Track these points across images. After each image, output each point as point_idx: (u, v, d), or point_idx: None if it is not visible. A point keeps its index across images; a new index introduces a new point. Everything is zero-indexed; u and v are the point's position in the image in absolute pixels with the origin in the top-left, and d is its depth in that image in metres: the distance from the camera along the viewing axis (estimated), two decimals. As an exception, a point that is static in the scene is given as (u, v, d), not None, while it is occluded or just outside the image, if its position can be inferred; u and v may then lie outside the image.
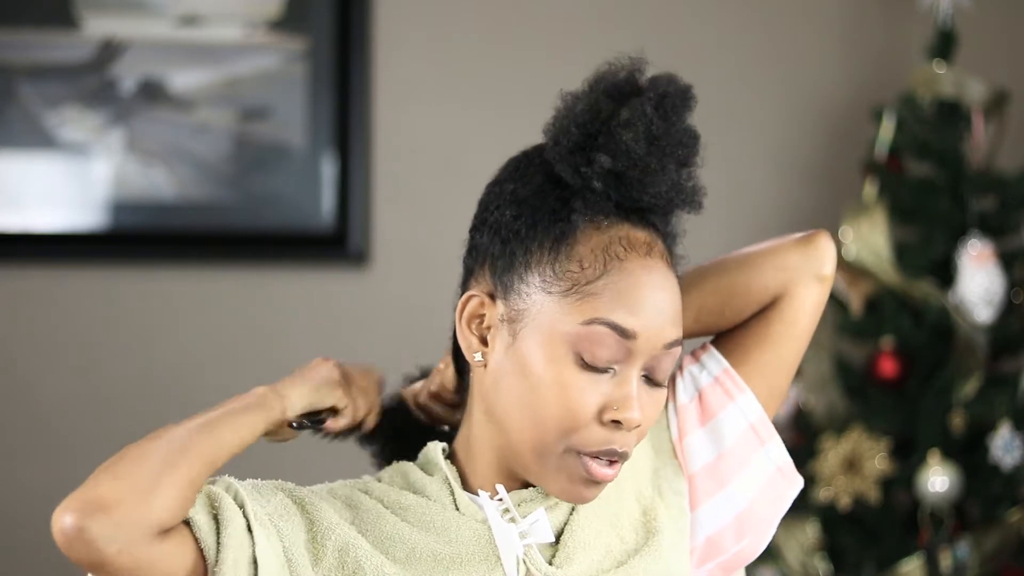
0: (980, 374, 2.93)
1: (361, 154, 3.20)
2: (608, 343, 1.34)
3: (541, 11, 3.28)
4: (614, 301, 1.35)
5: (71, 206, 3.15)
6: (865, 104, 3.22)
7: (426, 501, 1.41)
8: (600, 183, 1.37)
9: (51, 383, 3.15)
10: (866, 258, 2.99)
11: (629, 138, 1.37)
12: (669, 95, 1.42)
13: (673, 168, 1.40)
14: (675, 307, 1.38)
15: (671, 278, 1.39)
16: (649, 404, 1.37)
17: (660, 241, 1.41)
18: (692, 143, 1.43)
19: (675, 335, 1.37)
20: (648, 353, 1.35)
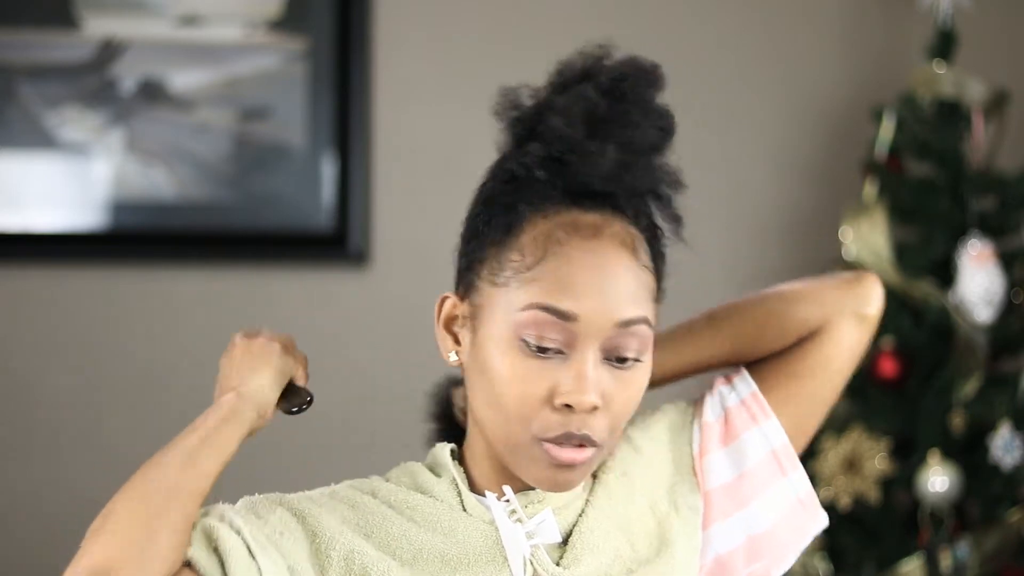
0: (980, 374, 2.93)
1: (361, 154, 3.20)
2: (549, 327, 1.34)
3: (541, 11, 3.28)
4: (552, 285, 1.34)
5: (71, 206, 3.15)
6: (865, 104, 3.22)
7: (433, 502, 1.40)
8: (542, 171, 1.37)
9: (51, 383, 3.15)
10: (866, 258, 2.99)
11: (562, 123, 1.36)
12: (628, 76, 1.39)
13: (615, 149, 1.36)
14: (628, 286, 1.36)
15: (624, 257, 1.36)
16: (617, 386, 1.35)
17: (620, 224, 1.38)
18: (650, 123, 1.39)
19: (630, 314, 1.35)
20: (598, 335, 1.34)
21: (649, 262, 1.39)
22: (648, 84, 1.40)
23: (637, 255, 1.37)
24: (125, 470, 3.39)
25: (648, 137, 1.38)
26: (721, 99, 3.34)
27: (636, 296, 1.36)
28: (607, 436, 1.36)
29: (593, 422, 1.34)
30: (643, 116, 1.38)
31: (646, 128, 1.38)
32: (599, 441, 1.35)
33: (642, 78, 1.40)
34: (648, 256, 1.39)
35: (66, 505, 3.16)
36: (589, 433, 1.34)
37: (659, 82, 1.41)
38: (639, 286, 1.37)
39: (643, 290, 1.37)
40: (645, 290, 1.38)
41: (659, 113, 1.40)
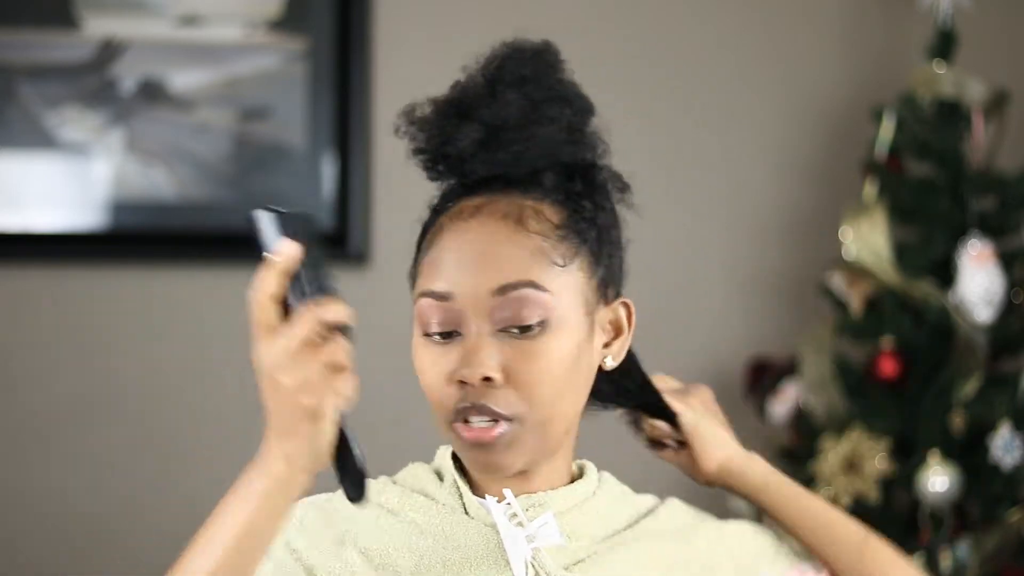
0: (980, 374, 2.93)
1: (361, 154, 3.20)
2: (433, 311, 1.35)
3: (541, 11, 3.28)
4: (430, 270, 1.37)
5: (71, 206, 3.15)
6: (865, 104, 3.22)
7: (435, 505, 1.41)
8: (430, 173, 1.41)
9: (51, 383, 3.15)
10: (866, 258, 2.99)
11: (421, 115, 1.40)
12: (499, 57, 1.41)
13: (475, 128, 1.37)
14: (503, 254, 1.34)
15: (503, 228, 1.35)
16: (519, 356, 1.34)
17: (507, 199, 1.37)
18: (520, 96, 1.37)
19: (504, 279, 1.34)
20: (477, 307, 1.34)
21: (551, 229, 1.36)
22: (523, 61, 1.40)
23: (524, 223, 1.35)
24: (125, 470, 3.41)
25: (512, 109, 1.37)
26: (721, 99, 3.34)
27: (515, 262, 1.34)
28: (525, 410, 1.34)
29: (495, 395, 1.34)
30: (510, 89, 1.38)
31: (512, 101, 1.37)
32: (510, 415, 1.34)
33: (515, 56, 1.41)
34: (550, 225, 1.36)
35: (66, 505, 3.16)
36: (488, 404, 1.34)
37: (539, 57, 1.41)
38: (523, 252, 1.35)
39: (530, 256, 1.35)
40: (535, 256, 1.35)
41: (538, 85, 1.39)
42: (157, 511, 3.17)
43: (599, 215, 1.40)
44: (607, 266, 1.40)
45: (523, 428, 1.35)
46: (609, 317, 1.41)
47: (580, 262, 1.37)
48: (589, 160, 1.41)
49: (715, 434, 1.54)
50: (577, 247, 1.37)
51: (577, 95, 1.40)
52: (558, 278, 1.35)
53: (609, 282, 1.41)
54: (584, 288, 1.37)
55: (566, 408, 1.38)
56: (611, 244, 1.41)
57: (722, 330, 3.32)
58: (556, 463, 1.42)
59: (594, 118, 1.42)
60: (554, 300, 1.35)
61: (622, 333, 1.43)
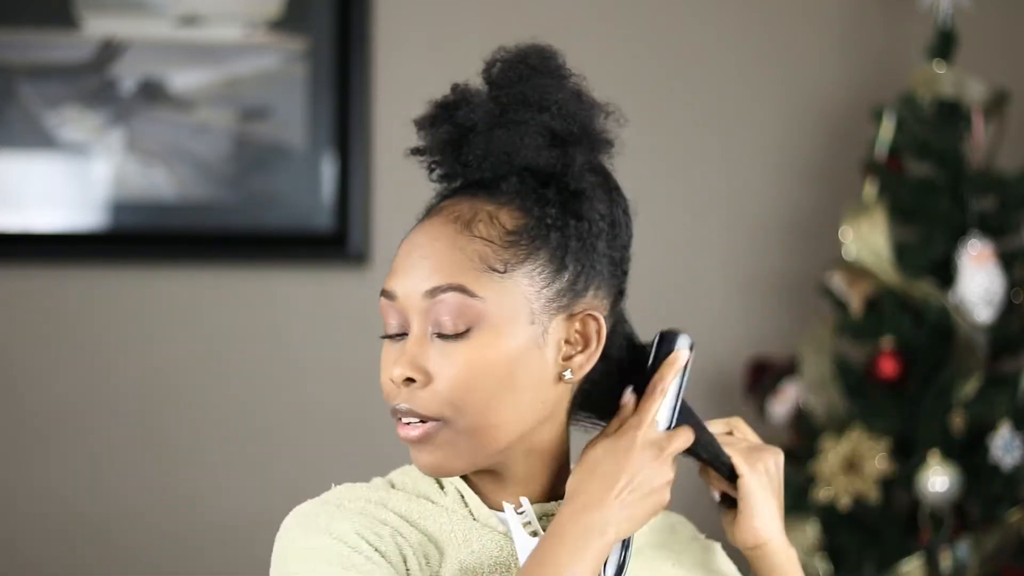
0: (980, 374, 2.93)
1: (361, 154, 3.20)
2: (387, 310, 1.37)
3: (541, 11, 3.28)
4: (391, 269, 1.39)
5: (71, 206, 3.15)
6: (865, 104, 3.22)
7: (443, 511, 1.39)
8: (430, 175, 1.41)
9: (51, 383, 3.15)
10: (866, 258, 2.99)
11: (416, 121, 1.40)
12: (496, 63, 1.39)
13: (446, 129, 1.37)
14: (439, 257, 1.34)
15: (447, 231, 1.35)
16: (440, 360, 1.34)
17: (470, 202, 1.36)
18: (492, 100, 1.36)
19: (430, 283, 1.34)
20: (414, 309, 1.35)
21: (500, 235, 1.34)
22: (511, 64, 1.38)
23: (471, 227, 1.34)
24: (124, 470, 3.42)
25: (480, 111, 1.36)
26: (721, 99, 3.34)
27: (449, 266, 1.34)
28: (451, 413, 1.33)
29: (417, 396, 1.34)
30: (489, 92, 1.37)
31: (481, 104, 1.36)
32: (430, 415, 1.34)
33: (506, 59, 1.38)
34: (501, 230, 1.34)
35: (66, 505, 3.16)
36: (408, 404, 1.34)
37: (524, 62, 1.38)
38: (459, 256, 1.34)
39: (466, 260, 1.33)
40: (471, 260, 1.33)
41: (513, 88, 1.37)
42: (157, 511, 3.17)
43: (570, 224, 1.36)
44: (574, 276, 1.36)
45: (452, 431, 1.34)
46: (574, 328, 1.37)
47: (529, 269, 1.34)
48: (564, 166, 1.37)
49: (768, 511, 1.46)
50: (527, 254, 1.34)
51: (560, 100, 1.37)
52: (494, 284, 1.33)
53: (577, 293, 1.36)
54: (531, 296, 1.34)
55: (504, 416, 1.34)
56: (584, 254, 1.37)
57: (722, 330, 3.31)
58: (535, 469, 1.39)
59: (591, 124, 1.39)
60: (484, 306, 1.33)
61: (589, 346, 1.38)
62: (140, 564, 3.16)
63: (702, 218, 3.33)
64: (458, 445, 1.35)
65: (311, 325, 3.23)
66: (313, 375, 3.23)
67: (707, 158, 3.34)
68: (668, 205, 3.27)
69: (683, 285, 3.30)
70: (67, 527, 3.15)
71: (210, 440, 3.20)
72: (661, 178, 3.27)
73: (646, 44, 3.32)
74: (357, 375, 3.20)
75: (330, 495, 1.37)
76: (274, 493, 3.14)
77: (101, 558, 3.14)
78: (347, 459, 3.17)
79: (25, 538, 3.14)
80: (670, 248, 3.27)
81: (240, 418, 3.22)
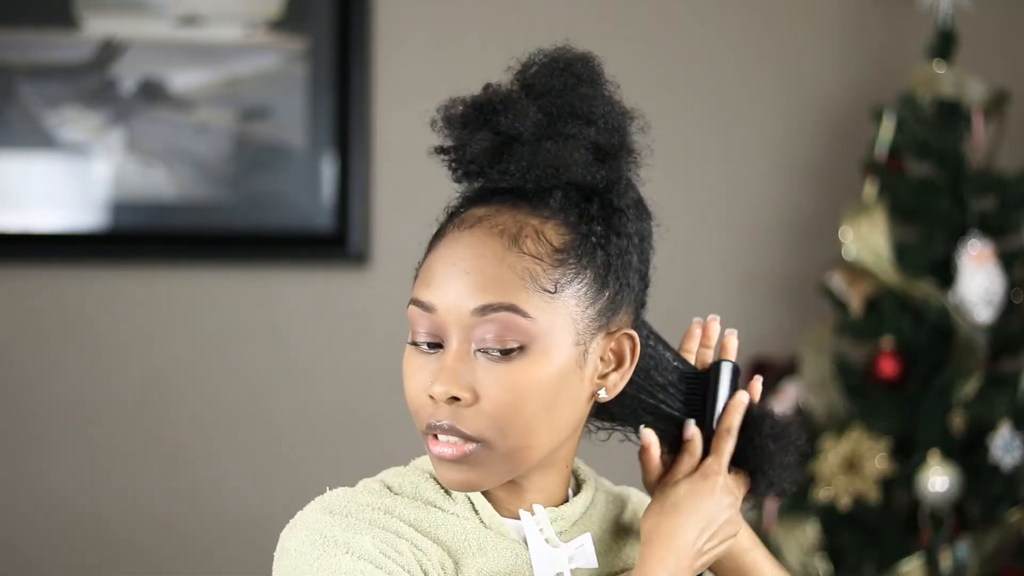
0: (980, 374, 2.93)
1: (361, 154, 3.20)
2: (420, 320, 1.32)
3: (541, 11, 3.28)
4: (422, 277, 1.34)
5: (71, 206, 3.15)
6: (865, 104, 3.22)
7: (455, 519, 1.36)
8: (452, 174, 1.38)
9: (51, 383, 3.15)
10: (866, 258, 2.99)
11: (452, 113, 1.36)
12: (534, 65, 1.37)
13: (487, 135, 1.33)
14: (488, 273, 1.30)
15: (494, 245, 1.31)
16: (489, 379, 1.30)
17: (512, 214, 1.33)
18: (539, 108, 1.34)
19: (480, 301, 1.30)
20: (458, 324, 1.30)
21: (548, 253, 1.32)
22: (554, 71, 1.36)
23: (519, 243, 1.31)
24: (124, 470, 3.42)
25: (527, 121, 1.33)
26: (721, 99, 3.34)
27: (499, 283, 1.30)
28: (494, 435, 1.31)
29: (463, 415, 1.30)
30: (533, 100, 1.34)
31: (529, 113, 1.33)
32: (474, 435, 1.30)
33: (549, 65, 1.36)
34: (548, 248, 1.32)
35: (65, 505, 3.16)
36: (451, 423, 1.30)
37: (570, 70, 1.36)
38: (510, 274, 1.30)
39: (517, 279, 1.30)
40: (522, 279, 1.30)
41: (561, 99, 1.35)
42: (157, 511, 3.17)
43: (611, 241, 1.35)
44: (612, 295, 1.35)
45: (491, 452, 1.32)
46: (610, 347, 1.36)
47: (576, 289, 1.32)
48: (609, 183, 1.36)
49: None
50: (575, 273, 1.32)
51: (606, 114, 1.36)
52: (545, 304, 1.31)
53: (614, 311, 1.35)
54: (577, 317, 1.32)
55: (541, 438, 1.33)
56: (623, 272, 1.36)
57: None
58: (550, 479, 1.39)
59: (629, 136, 1.38)
60: (536, 327, 1.30)
61: (623, 364, 1.37)
62: (140, 564, 3.16)
63: (702, 218, 3.33)
64: (494, 466, 1.33)
65: (311, 325, 3.23)
66: (313, 375, 3.23)
67: (707, 158, 3.34)
68: (668, 205, 3.25)
69: (683, 285, 3.30)
70: (67, 527, 3.15)
71: (210, 440, 3.20)
72: (661, 178, 3.26)
73: (646, 44, 3.32)
74: (357, 375, 3.20)
75: (333, 502, 1.33)
76: (275, 493, 3.14)
77: (101, 558, 3.14)
78: (347, 458, 3.17)
79: (25, 538, 3.14)
80: (670, 248, 3.26)
81: (240, 418, 3.22)
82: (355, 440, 3.19)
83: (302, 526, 1.31)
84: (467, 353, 1.31)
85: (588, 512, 1.43)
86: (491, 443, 1.31)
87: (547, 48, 1.37)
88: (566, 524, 1.39)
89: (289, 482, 3.15)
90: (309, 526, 1.31)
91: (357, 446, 3.18)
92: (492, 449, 1.31)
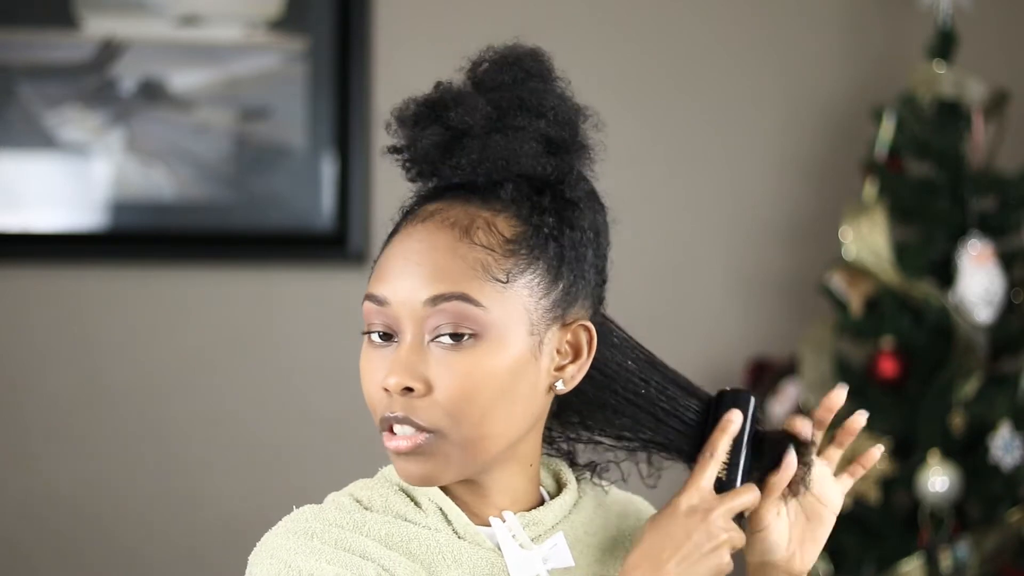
0: (980, 374, 2.93)
1: (361, 154, 3.20)
2: (373, 315, 1.34)
3: (541, 12, 3.28)
4: (375, 274, 1.35)
5: (71, 206, 3.15)
6: (865, 104, 3.22)
7: (427, 532, 1.35)
8: (406, 173, 1.39)
9: (51, 383, 3.15)
10: (866, 258, 2.99)
11: (403, 113, 1.39)
12: (484, 62, 1.38)
13: (437, 131, 1.35)
14: (441, 264, 1.31)
15: (446, 237, 1.32)
16: (442, 369, 1.31)
17: (463, 207, 1.34)
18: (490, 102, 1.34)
19: (431, 291, 1.31)
20: (411, 316, 1.31)
21: (499, 243, 1.32)
22: (503, 66, 1.36)
23: (470, 234, 1.32)
24: (124, 469, 3.41)
25: (477, 114, 1.33)
26: (721, 99, 3.34)
27: (450, 274, 1.31)
28: (448, 424, 1.31)
29: (416, 406, 1.31)
30: (482, 95, 1.35)
31: (478, 107, 1.33)
32: (428, 426, 1.31)
33: (497, 60, 1.36)
34: (500, 239, 1.32)
35: (65, 505, 3.16)
36: (405, 414, 1.31)
37: (519, 64, 1.36)
38: (462, 264, 1.31)
39: (469, 268, 1.31)
40: (474, 269, 1.31)
41: (510, 92, 1.35)
42: (157, 511, 3.17)
43: (564, 232, 1.34)
44: (567, 286, 1.35)
45: (446, 442, 1.32)
46: (566, 339, 1.36)
47: (529, 279, 1.33)
48: (561, 174, 1.36)
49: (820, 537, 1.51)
50: (527, 264, 1.33)
51: (556, 106, 1.36)
52: (497, 294, 1.31)
53: (569, 303, 1.35)
54: (530, 307, 1.32)
55: (498, 427, 1.32)
56: (577, 264, 1.35)
57: (722, 330, 3.32)
58: (513, 478, 1.38)
59: (580, 130, 1.37)
60: (488, 316, 1.31)
61: (580, 357, 1.37)
62: (140, 563, 3.17)
63: (702, 218, 3.33)
64: (450, 456, 1.33)
65: (311, 325, 3.23)
66: (313, 375, 3.23)
67: (707, 158, 3.34)
68: (669, 205, 3.27)
69: (683, 285, 3.30)
70: (67, 527, 3.15)
71: (209, 440, 3.20)
72: (662, 178, 3.27)
73: (646, 44, 3.32)
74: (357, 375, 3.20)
75: (297, 523, 1.32)
76: (274, 493, 3.14)
77: (100, 557, 3.14)
78: (346, 459, 3.16)
79: (25, 538, 3.14)
80: (670, 248, 3.27)
81: (240, 418, 3.22)
82: (355, 440, 3.19)
83: (267, 553, 1.30)
84: (420, 344, 1.32)
85: (569, 517, 1.42)
86: (445, 432, 1.31)
87: (497, 45, 1.38)
88: (541, 529, 1.38)
89: (289, 482, 3.15)
90: (274, 554, 1.30)
91: (356, 446, 3.18)
92: (446, 438, 1.32)
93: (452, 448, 1.32)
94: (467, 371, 1.31)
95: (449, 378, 1.31)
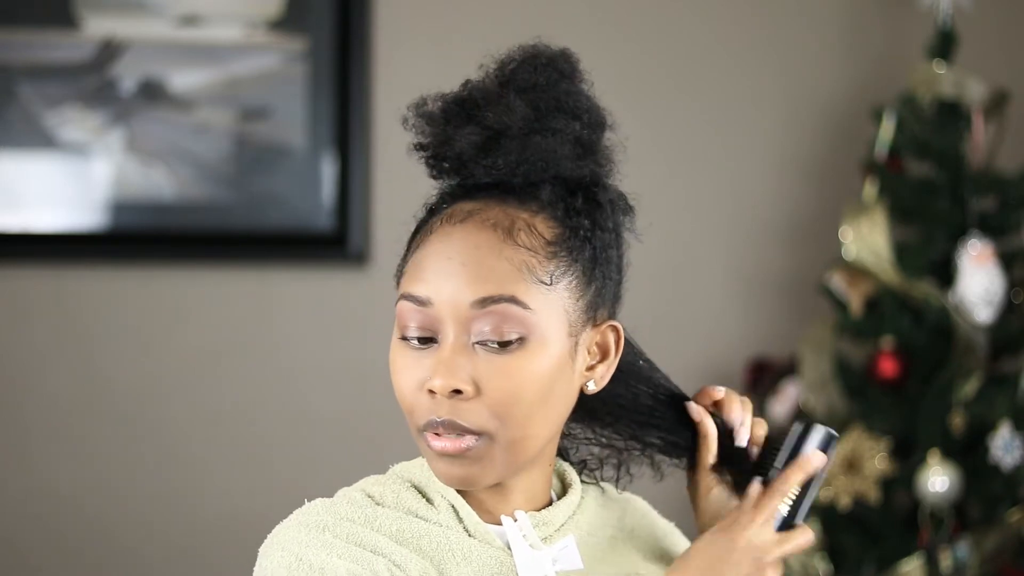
0: (980, 374, 2.93)
1: (361, 154, 3.20)
2: (412, 315, 1.33)
3: (541, 12, 3.28)
4: (412, 274, 1.34)
5: (71, 206, 3.15)
6: (865, 104, 3.22)
7: (439, 529, 1.35)
8: (431, 170, 1.37)
9: (51, 383, 3.15)
10: (866, 258, 2.99)
11: (429, 109, 1.35)
12: (514, 61, 1.36)
13: (474, 130, 1.33)
14: (486, 266, 1.31)
15: (489, 239, 1.31)
16: (490, 371, 1.31)
17: (501, 208, 1.33)
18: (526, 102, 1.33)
19: (484, 292, 1.30)
20: (455, 317, 1.31)
21: (541, 245, 1.32)
22: (537, 67, 1.35)
23: (513, 236, 1.32)
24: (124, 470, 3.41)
25: (516, 116, 1.33)
26: (721, 99, 3.34)
27: (497, 275, 1.31)
28: (496, 426, 1.31)
29: (463, 408, 1.31)
30: (518, 95, 1.34)
31: (516, 108, 1.33)
32: (476, 428, 1.31)
33: (530, 61, 1.36)
34: (541, 240, 1.32)
35: (65, 505, 3.16)
36: (453, 419, 1.31)
37: (553, 65, 1.36)
38: (508, 266, 1.31)
39: (515, 270, 1.31)
40: (520, 271, 1.31)
41: (547, 94, 1.35)
42: (157, 511, 3.17)
43: (596, 235, 1.35)
44: (599, 287, 1.36)
45: (492, 444, 1.32)
46: (596, 339, 1.37)
47: (568, 281, 1.33)
48: (594, 177, 1.37)
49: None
50: (567, 266, 1.33)
51: (590, 108, 1.36)
52: (542, 296, 1.32)
53: (599, 304, 1.36)
54: (570, 308, 1.33)
55: (538, 428, 1.33)
56: (606, 265, 1.36)
57: (722, 330, 3.32)
58: (534, 479, 1.39)
59: (607, 134, 1.38)
60: (535, 318, 1.31)
61: (608, 356, 1.38)
62: (140, 563, 3.16)
63: (702, 218, 3.33)
64: (495, 459, 1.33)
65: (311, 325, 3.23)
66: (313, 375, 3.23)
67: (707, 158, 3.34)
68: (668, 205, 3.27)
69: (683, 285, 3.30)
70: (66, 527, 3.15)
71: (210, 440, 3.20)
72: (661, 178, 3.27)
73: (646, 44, 3.32)
74: (357, 375, 3.20)
75: (310, 516, 1.32)
76: (274, 493, 3.14)
77: (100, 557, 3.14)
78: (346, 459, 3.17)
79: (25, 538, 3.14)
80: (670, 248, 3.27)
81: (240, 418, 3.22)
82: (355, 440, 3.19)
83: (279, 545, 1.30)
84: (465, 346, 1.31)
85: (575, 517, 1.42)
86: (492, 435, 1.31)
87: (524, 44, 1.37)
88: (550, 529, 1.39)
89: (289, 482, 3.15)
90: (285, 546, 1.30)
91: (357, 446, 3.18)
92: (493, 441, 1.32)
93: (498, 450, 1.32)
94: (514, 373, 1.31)
95: (497, 380, 1.31)
